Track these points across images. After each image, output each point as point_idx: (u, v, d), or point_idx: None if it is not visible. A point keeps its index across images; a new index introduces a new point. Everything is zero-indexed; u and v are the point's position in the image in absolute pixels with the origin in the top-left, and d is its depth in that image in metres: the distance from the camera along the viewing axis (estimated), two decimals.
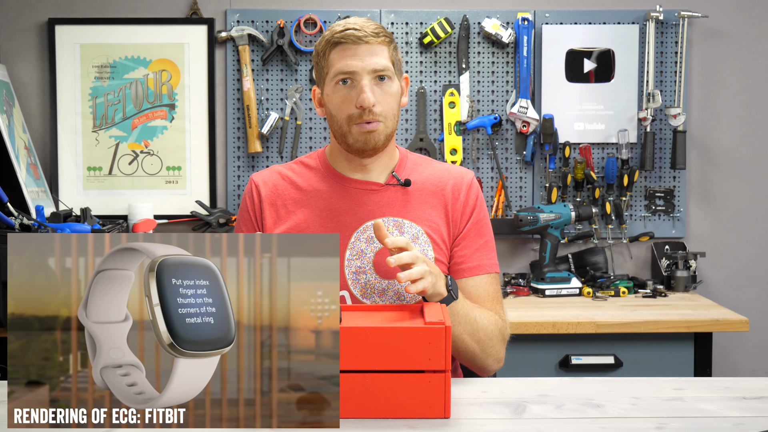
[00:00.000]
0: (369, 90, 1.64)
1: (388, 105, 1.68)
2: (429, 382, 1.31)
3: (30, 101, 3.01)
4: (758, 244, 3.10)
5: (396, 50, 1.71)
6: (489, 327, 1.68)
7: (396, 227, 1.72)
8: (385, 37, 1.67)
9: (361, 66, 1.64)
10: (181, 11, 3.02)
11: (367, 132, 1.66)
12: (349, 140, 1.69)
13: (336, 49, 1.66)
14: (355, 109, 1.65)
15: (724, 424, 1.32)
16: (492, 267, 1.76)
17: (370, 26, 1.67)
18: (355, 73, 1.65)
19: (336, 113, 1.69)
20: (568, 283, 2.83)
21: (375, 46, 1.65)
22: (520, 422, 1.32)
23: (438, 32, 2.96)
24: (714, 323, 2.50)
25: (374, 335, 1.31)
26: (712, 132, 3.08)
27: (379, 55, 1.66)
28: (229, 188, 3.02)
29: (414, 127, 3.01)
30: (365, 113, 1.65)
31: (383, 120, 1.67)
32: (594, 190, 2.99)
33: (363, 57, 1.65)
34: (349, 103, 1.66)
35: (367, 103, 1.63)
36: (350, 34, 1.65)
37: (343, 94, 1.67)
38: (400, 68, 1.74)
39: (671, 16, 3.00)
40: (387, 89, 1.67)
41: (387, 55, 1.67)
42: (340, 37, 1.65)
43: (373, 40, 1.65)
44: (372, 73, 1.65)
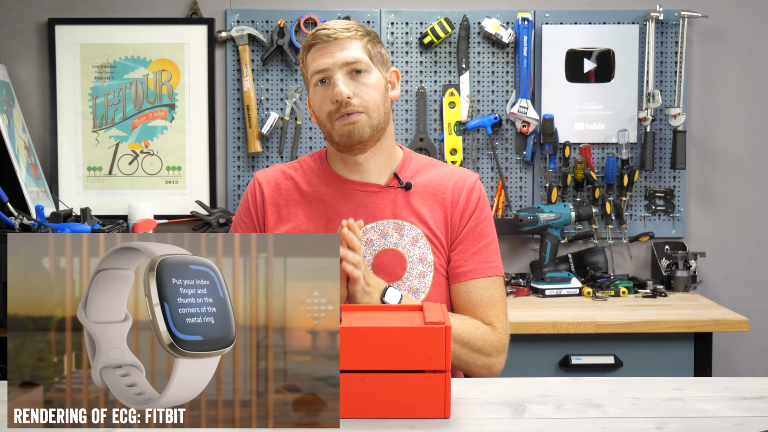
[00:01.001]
0: (342, 83, 1.64)
1: (368, 96, 1.67)
2: (429, 382, 1.31)
3: (30, 101, 3.01)
4: (758, 244, 3.10)
5: (373, 43, 1.71)
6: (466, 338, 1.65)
7: (396, 229, 1.72)
8: (356, 31, 1.68)
9: (332, 62, 1.65)
10: (181, 11, 3.02)
11: (348, 124, 1.66)
12: (335, 137, 1.69)
13: (310, 51, 1.69)
14: (332, 105, 1.66)
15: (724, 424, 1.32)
16: (490, 270, 1.72)
17: (341, 24, 1.69)
18: (328, 70, 1.66)
19: (318, 113, 1.70)
20: (568, 283, 2.83)
21: (345, 41, 1.66)
22: (520, 422, 1.32)
23: (438, 32, 2.96)
24: (714, 323, 2.50)
25: (374, 335, 1.30)
26: (712, 132, 3.08)
27: (350, 48, 1.66)
28: (229, 188, 3.02)
29: (414, 127, 3.01)
30: (342, 106, 1.65)
31: (364, 111, 1.66)
32: (594, 190, 2.99)
33: (333, 53, 1.66)
34: (327, 100, 1.67)
35: (340, 96, 1.64)
36: (320, 34, 1.67)
37: (322, 93, 1.68)
38: (383, 61, 1.73)
39: (671, 16, 3.00)
40: (364, 81, 1.67)
41: (360, 47, 1.67)
42: (312, 39, 1.68)
43: (343, 35, 1.66)
44: (344, 67, 1.65)
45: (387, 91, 1.72)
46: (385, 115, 1.70)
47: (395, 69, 1.78)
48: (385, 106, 1.71)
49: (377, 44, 1.72)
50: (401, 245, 1.71)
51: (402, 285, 1.70)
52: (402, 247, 1.71)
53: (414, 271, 1.71)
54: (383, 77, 1.71)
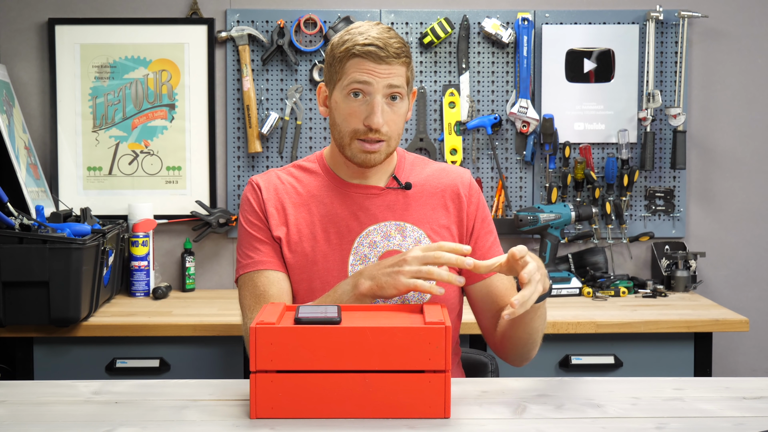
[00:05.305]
0: (380, 111, 1.62)
1: (395, 125, 1.67)
2: (429, 382, 1.31)
3: (30, 101, 3.01)
4: (758, 244, 3.10)
5: (411, 68, 1.69)
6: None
7: (398, 231, 1.72)
8: (405, 57, 1.65)
9: (377, 84, 1.62)
10: (181, 11, 3.02)
11: (367, 152, 1.66)
12: (348, 153, 1.68)
13: (353, 60, 1.63)
14: (362, 125, 1.64)
15: (724, 424, 1.32)
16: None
17: (394, 44, 1.63)
18: (371, 87, 1.63)
19: (341, 124, 1.67)
20: (568, 283, 2.83)
21: (395, 66, 1.63)
22: (520, 422, 1.32)
23: (438, 32, 2.96)
24: (714, 323, 2.50)
25: (374, 335, 1.31)
26: (712, 132, 3.08)
27: (397, 75, 1.64)
28: (229, 188, 3.02)
29: (414, 127, 3.01)
30: (372, 132, 1.64)
31: (387, 140, 1.66)
32: (594, 190, 2.99)
33: (381, 75, 1.62)
34: (357, 117, 1.64)
35: (378, 125, 1.62)
36: (373, 51, 1.61)
37: (354, 107, 1.64)
38: (412, 85, 1.72)
39: (671, 16, 3.00)
40: (397, 110, 1.66)
41: (404, 74, 1.65)
42: (362, 51, 1.62)
43: (395, 61, 1.63)
44: (386, 90, 1.63)
45: (406, 116, 1.72)
46: (399, 139, 1.71)
47: (415, 89, 1.76)
48: (402, 132, 1.71)
49: (412, 67, 1.70)
50: (404, 246, 1.71)
51: None
52: (405, 248, 1.71)
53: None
54: (409, 102, 1.71)
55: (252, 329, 1.31)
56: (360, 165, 1.69)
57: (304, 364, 1.31)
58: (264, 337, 1.30)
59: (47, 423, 1.33)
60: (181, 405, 1.41)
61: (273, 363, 1.31)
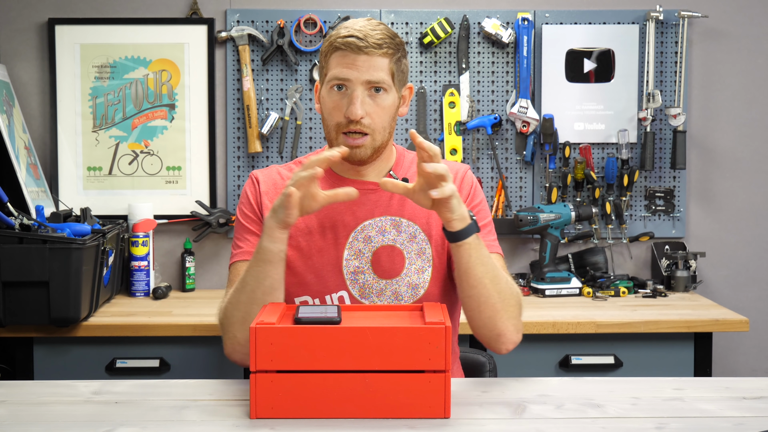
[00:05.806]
0: (359, 102, 1.62)
1: (378, 118, 1.66)
2: (429, 382, 1.31)
3: (30, 101, 3.01)
4: (758, 244, 3.10)
5: (400, 60, 1.68)
6: (508, 283, 1.64)
7: (393, 226, 1.72)
8: (388, 48, 1.64)
9: (355, 76, 1.63)
10: (181, 11, 3.02)
11: (351, 146, 1.65)
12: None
13: (336, 53, 1.65)
14: (343, 117, 1.65)
15: (724, 424, 1.32)
16: (494, 248, 1.73)
17: (375, 35, 1.63)
18: (349, 81, 1.63)
19: (327, 118, 1.69)
20: (568, 283, 2.83)
21: (375, 57, 1.63)
22: (520, 422, 1.32)
23: (438, 32, 2.96)
24: (714, 323, 2.50)
25: (374, 335, 1.31)
26: (712, 132, 3.08)
27: (378, 67, 1.63)
28: (229, 188, 3.02)
29: (414, 127, 3.01)
30: (352, 123, 1.64)
31: (371, 133, 1.66)
32: (594, 190, 2.99)
33: (360, 67, 1.63)
34: (339, 110, 1.65)
35: (354, 116, 1.62)
36: (351, 42, 1.62)
37: (336, 100, 1.66)
38: (403, 78, 1.71)
39: (671, 16, 3.00)
40: (380, 102, 1.65)
41: (386, 67, 1.65)
42: (342, 43, 1.63)
43: (374, 52, 1.63)
44: (366, 84, 1.63)
45: (397, 111, 1.71)
46: (389, 135, 1.71)
47: (411, 84, 1.76)
48: (391, 126, 1.71)
49: (402, 59, 1.70)
50: (399, 241, 1.72)
51: (401, 281, 1.71)
52: (400, 243, 1.72)
53: (412, 267, 1.71)
54: (398, 96, 1.70)
55: (252, 329, 1.31)
56: (346, 160, 1.69)
57: (304, 364, 1.31)
58: (264, 337, 1.31)
59: (47, 423, 1.33)
60: (181, 405, 1.41)
61: (273, 363, 1.31)
